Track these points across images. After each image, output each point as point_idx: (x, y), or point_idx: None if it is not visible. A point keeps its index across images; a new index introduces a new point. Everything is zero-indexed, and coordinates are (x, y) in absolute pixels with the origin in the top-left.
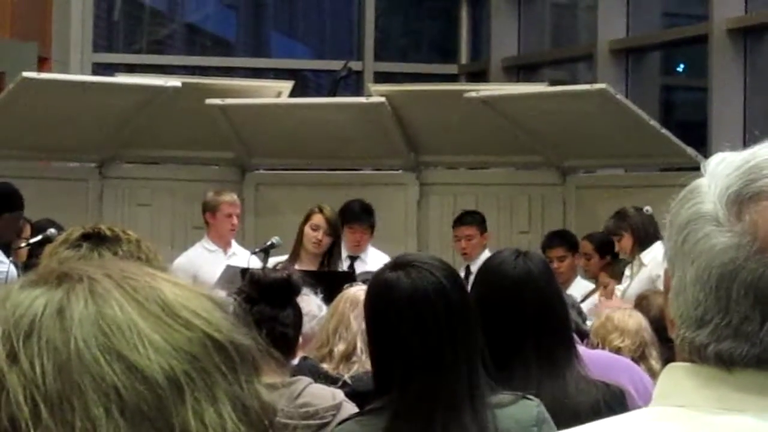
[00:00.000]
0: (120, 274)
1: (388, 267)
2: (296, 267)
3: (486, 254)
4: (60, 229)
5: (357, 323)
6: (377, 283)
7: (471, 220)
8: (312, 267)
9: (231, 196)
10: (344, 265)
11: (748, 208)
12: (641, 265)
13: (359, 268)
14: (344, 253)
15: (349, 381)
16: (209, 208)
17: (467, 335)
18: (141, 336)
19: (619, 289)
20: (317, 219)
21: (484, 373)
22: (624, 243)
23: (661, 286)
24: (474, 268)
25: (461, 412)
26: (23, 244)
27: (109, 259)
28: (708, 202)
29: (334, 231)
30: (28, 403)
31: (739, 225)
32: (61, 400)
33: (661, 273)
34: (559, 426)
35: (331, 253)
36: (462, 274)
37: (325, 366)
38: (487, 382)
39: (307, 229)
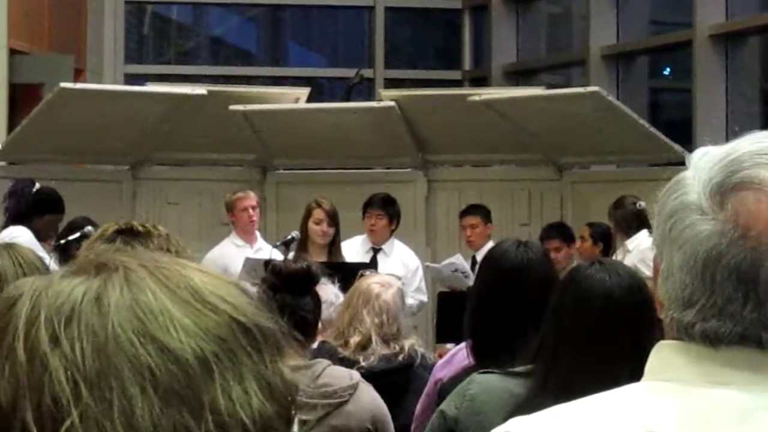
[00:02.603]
0: (153, 264)
1: (596, 264)
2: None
3: (490, 245)
4: (95, 225)
5: (369, 318)
6: (580, 273)
7: (475, 211)
8: (321, 257)
9: (244, 193)
10: (368, 256)
11: (730, 197)
12: (626, 252)
13: (381, 260)
14: (367, 245)
15: (364, 364)
16: (229, 209)
17: (627, 342)
18: (173, 320)
19: None
20: (318, 213)
21: None
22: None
23: (644, 272)
24: (479, 258)
25: None
26: (63, 240)
27: (142, 251)
28: (693, 193)
29: (335, 220)
30: (69, 382)
31: (721, 213)
32: (99, 380)
33: (643, 259)
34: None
35: (333, 241)
36: (469, 263)
37: (341, 350)
38: None
39: (311, 224)
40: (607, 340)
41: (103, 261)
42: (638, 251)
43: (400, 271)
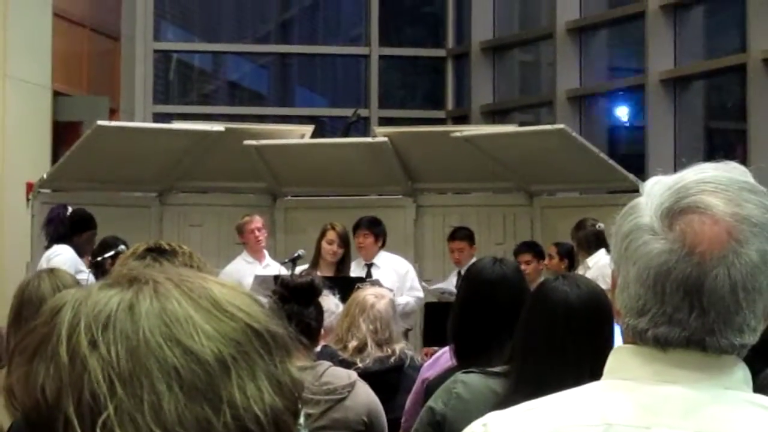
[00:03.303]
0: (178, 278)
1: (560, 279)
2: (318, 273)
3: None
4: (125, 243)
5: (365, 325)
6: (547, 286)
7: (462, 235)
8: (329, 273)
9: (251, 217)
10: (363, 272)
11: (678, 220)
12: (587, 268)
13: (375, 273)
14: (362, 262)
15: (360, 365)
16: (239, 232)
17: (586, 345)
18: (195, 326)
19: None
20: (331, 235)
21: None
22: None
23: (602, 286)
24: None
25: None
26: (99, 258)
27: (169, 267)
28: (646, 216)
29: (345, 242)
30: (106, 380)
31: (671, 234)
32: (132, 378)
33: (601, 274)
34: None
35: (343, 260)
36: (454, 278)
37: (341, 353)
38: None
39: (323, 244)
40: (570, 344)
41: (135, 275)
42: (597, 267)
43: (393, 279)
